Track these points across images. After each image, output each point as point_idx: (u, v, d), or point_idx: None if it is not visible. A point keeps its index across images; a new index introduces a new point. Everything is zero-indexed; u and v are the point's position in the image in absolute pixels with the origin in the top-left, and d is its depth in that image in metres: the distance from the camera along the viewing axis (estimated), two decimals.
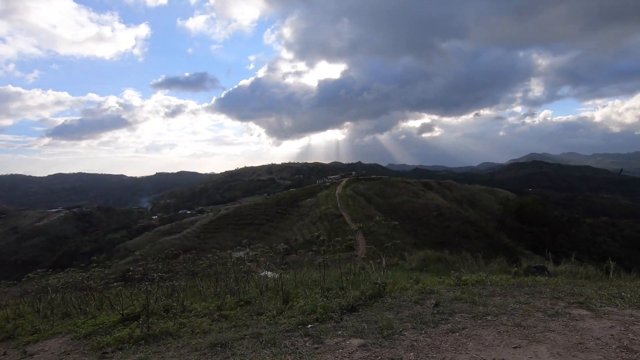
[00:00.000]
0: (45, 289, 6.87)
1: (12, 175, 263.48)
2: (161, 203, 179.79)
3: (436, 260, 10.57)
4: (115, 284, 6.37)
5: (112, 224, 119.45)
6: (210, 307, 5.20)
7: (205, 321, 4.58)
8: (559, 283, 5.03)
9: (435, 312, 3.98)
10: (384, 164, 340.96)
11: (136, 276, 5.96)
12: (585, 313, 3.70)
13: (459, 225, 51.79)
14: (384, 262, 6.62)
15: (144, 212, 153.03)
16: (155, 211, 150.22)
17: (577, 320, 3.51)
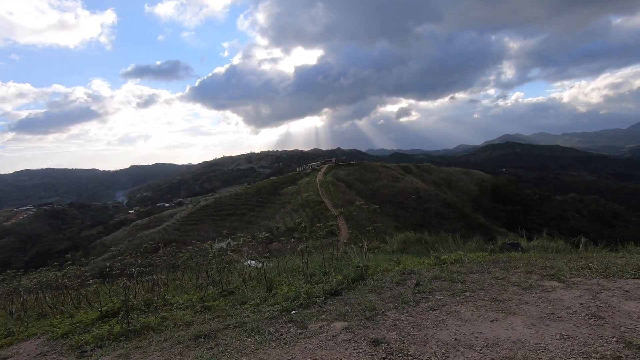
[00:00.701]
0: (17, 290, 6.58)
1: None
2: (138, 197, 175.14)
3: (416, 242, 10.81)
4: (92, 281, 6.17)
5: (87, 220, 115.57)
6: (193, 299, 5.14)
7: (187, 313, 4.52)
8: (532, 258, 5.25)
9: (416, 291, 4.09)
10: (364, 149, 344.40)
11: (114, 272, 5.79)
12: (556, 284, 3.89)
13: (438, 207, 53.22)
14: (365, 246, 6.71)
15: (120, 206, 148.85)
16: (132, 205, 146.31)
17: (549, 291, 3.69)
